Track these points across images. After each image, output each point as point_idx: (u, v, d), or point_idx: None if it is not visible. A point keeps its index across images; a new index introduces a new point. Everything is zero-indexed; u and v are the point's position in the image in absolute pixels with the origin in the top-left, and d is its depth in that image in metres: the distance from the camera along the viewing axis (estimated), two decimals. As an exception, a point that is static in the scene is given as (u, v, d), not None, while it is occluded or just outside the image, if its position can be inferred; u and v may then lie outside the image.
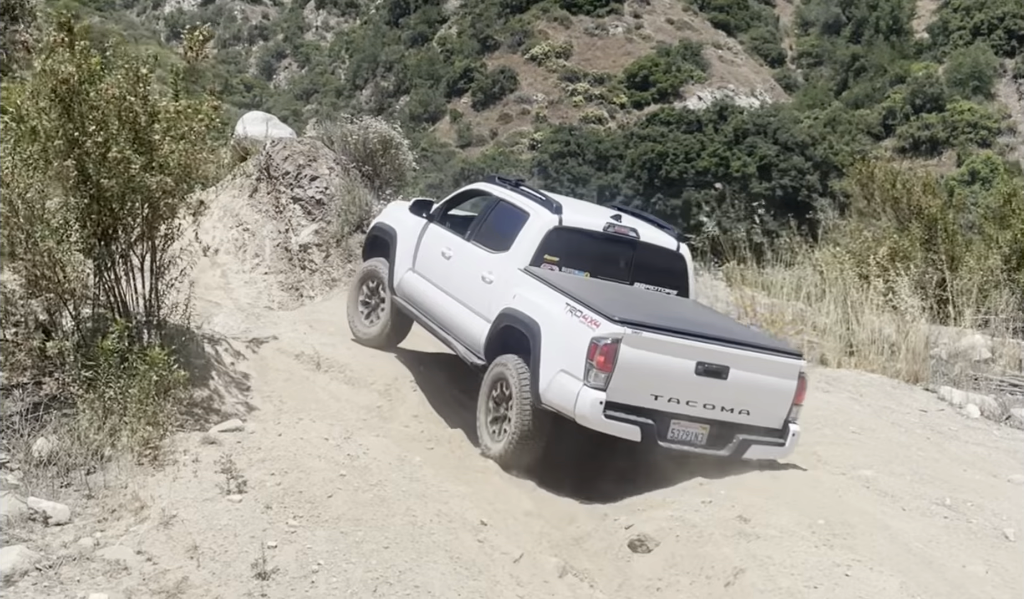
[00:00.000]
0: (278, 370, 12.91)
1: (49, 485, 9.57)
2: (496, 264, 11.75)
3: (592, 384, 10.18)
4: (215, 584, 8.27)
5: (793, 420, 11.00)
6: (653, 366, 10.31)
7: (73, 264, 11.14)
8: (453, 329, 12.20)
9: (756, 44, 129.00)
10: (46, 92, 10.78)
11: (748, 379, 10.66)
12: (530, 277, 11.32)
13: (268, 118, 24.28)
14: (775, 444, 10.99)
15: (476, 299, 11.80)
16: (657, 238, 12.36)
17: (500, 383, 11.19)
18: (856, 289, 17.31)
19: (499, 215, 12.30)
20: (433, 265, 12.70)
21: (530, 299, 11.01)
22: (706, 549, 9.46)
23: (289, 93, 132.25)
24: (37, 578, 8.15)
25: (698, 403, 10.55)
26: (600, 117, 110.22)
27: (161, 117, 11.09)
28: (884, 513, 10.42)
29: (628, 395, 10.29)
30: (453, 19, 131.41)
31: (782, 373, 10.88)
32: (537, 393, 10.65)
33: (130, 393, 10.31)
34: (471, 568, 8.86)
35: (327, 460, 10.04)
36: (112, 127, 10.79)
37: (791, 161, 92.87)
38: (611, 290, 11.49)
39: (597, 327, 10.19)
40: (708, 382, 10.49)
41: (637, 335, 10.17)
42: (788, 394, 10.88)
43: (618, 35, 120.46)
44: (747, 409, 10.73)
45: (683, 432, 10.62)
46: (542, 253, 11.56)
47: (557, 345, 10.51)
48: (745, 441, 10.79)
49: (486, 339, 11.47)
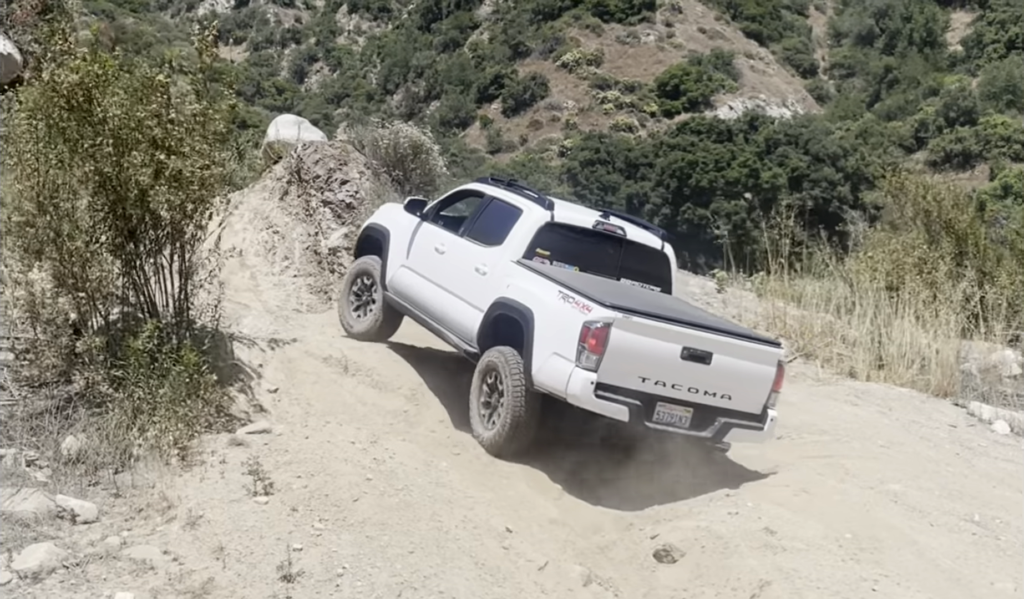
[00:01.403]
0: (306, 373, 12.95)
1: (77, 483, 9.62)
2: (490, 257, 12.21)
3: (584, 366, 10.59)
4: (240, 585, 8.29)
5: (771, 406, 11.46)
6: (641, 350, 10.76)
7: (101, 263, 11.21)
8: (447, 321, 12.63)
9: (788, 54, 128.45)
10: (57, 102, 10.84)
11: (730, 365, 11.11)
12: (523, 268, 11.83)
13: (300, 121, 24.34)
14: (754, 428, 11.41)
15: (470, 290, 12.24)
16: (643, 237, 12.94)
17: (492, 371, 11.58)
18: (886, 302, 17.21)
19: (493, 212, 12.76)
20: (427, 261, 13.13)
21: (524, 287, 11.49)
22: (732, 561, 9.43)
23: (320, 97, 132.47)
24: (64, 575, 8.18)
25: (683, 387, 10.98)
26: (630, 125, 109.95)
27: (177, 123, 11.10)
28: (912, 528, 10.34)
29: (617, 377, 10.70)
30: (485, 25, 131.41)
31: (762, 360, 11.33)
32: (530, 376, 11.08)
33: (160, 393, 10.37)
34: (496, 575, 8.86)
35: (353, 464, 10.07)
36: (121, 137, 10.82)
37: (822, 172, 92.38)
38: (600, 282, 11.94)
39: (589, 311, 10.65)
40: (693, 367, 10.92)
41: (627, 319, 10.62)
42: (767, 381, 11.34)
43: (650, 43, 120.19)
44: (729, 394, 11.18)
45: (668, 414, 11.03)
46: (534, 247, 12.07)
47: (550, 329, 10.97)
48: (726, 424, 11.21)
49: (480, 328, 11.91)
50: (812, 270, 20.16)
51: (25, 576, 8.06)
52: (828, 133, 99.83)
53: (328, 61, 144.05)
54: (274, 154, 22.30)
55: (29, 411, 10.56)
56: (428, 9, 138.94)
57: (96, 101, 10.83)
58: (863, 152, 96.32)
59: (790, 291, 19.28)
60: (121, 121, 10.81)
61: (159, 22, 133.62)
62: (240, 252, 13.39)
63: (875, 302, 17.14)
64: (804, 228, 20.38)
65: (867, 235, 24.02)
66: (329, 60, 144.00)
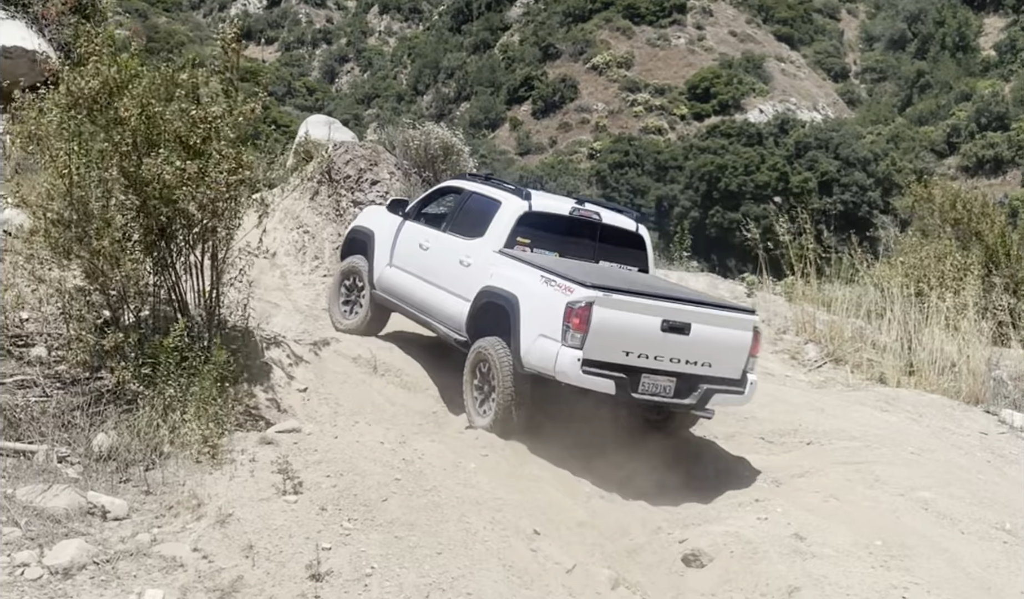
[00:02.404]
0: (335, 372, 12.99)
1: (108, 480, 9.67)
2: (473, 248, 12.63)
3: (570, 344, 10.98)
4: (269, 584, 8.31)
5: (751, 370, 11.86)
6: (623, 325, 11.15)
7: (132, 262, 11.27)
8: (435, 313, 13.04)
9: (819, 58, 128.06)
10: (80, 105, 10.91)
11: (708, 334, 11.53)
12: (505, 257, 12.25)
13: (330, 122, 24.43)
14: (735, 392, 11.80)
15: (455, 282, 12.65)
16: (618, 221, 13.41)
17: (483, 361, 11.95)
18: (917, 308, 17.11)
19: (473, 205, 13.20)
20: (412, 257, 13.54)
21: (507, 275, 11.91)
22: (761, 566, 9.39)
23: (351, 97, 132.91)
24: (94, 572, 8.22)
25: (665, 357, 11.37)
26: (660, 128, 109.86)
27: (201, 122, 11.14)
28: (942, 536, 10.29)
29: (602, 352, 11.06)
30: (515, 27, 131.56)
31: (738, 327, 11.79)
32: (519, 358, 11.45)
33: (190, 391, 10.41)
34: (523, 577, 8.85)
35: (382, 464, 10.08)
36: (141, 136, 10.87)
37: (852, 177, 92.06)
38: (580, 266, 12.34)
39: (571, 292, 11.05)
40: (673, 338, 11.31)
41: (608, 297, 11.02)
42: (745, 347, 11.75)
43: (680, 46, 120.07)
44: (709, 362, 11.56)
45: (652, 385, 11.40)
46: (515, 236, 12.47)
47: (535, 312, 11.35)
48: (708, 391, 11.58)
49: (467, 317, 12.30)
50: (841, 275, 20.06)
51: (56, 572, 8.10)
52: (859, 137, 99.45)
53: (359, 61, 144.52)
54: (303, 154, 22.38)
55: (61, 408, 10.62)
56: (459, 10, 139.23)
57: (115, 102, 10.89)
58: (894, 157, 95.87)
59: (819, 296, 19.19)
60: (139, 121, 10.86)
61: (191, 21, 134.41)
62: (274, 254, 13.45)
63: (905, 308, 17.05)
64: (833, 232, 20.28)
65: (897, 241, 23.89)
66: (360, 61, 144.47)
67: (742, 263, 28.36)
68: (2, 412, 10.31)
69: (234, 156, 11.20)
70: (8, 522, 8.65)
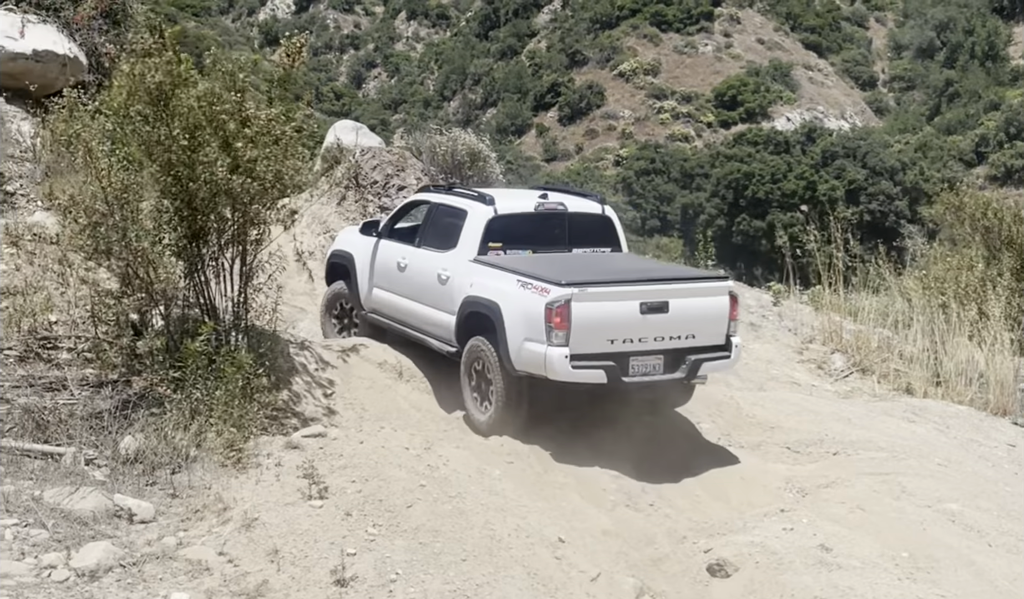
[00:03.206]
0: (361, 378, 13.00)
1: (135, 483, 9.72)
2: (448, 261, 12.80)
3: (555, 343, 11.24)
4: (294, 589, 8.33)
5: (733, 334, 12.16)
6: (603, 315, 11.46)
7: (165, 265, 11.33)
8: (424, 329, 13.19)
9: (847, 66, 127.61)
10: (140, 96, 10.99)
11: (687, 307, 11.83)
12: (481, 265, 12.41)
13: (358, 127, 24.45)
14: (722, 358, 12.12)
15: (438, 298, 12.82)
16: (584, 206, 13.61)
17: (477, 360, 12.16)
18: (943, 319, 17.01)
19: (440, 218, 13.39)
20: (393, 277, 13.70)
21: (486, 284, 12.08)
22: (786, 577, 9.35)
23: (378, 102, 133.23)
24: (121, 574, 8.27)
25: (649, 338, 11.66)
26: (686, 135, 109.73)
27: (252, 123, 11.22)
28: (970, 548, 10.21)
29: (588, 345, 11.35)
30: (542, 33, 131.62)
31: (714, 294, 12.12)
32: (510, 362, 11.65)
33: (216, 395, 10.45)
34: (548, 585, 8.84)
35: (407, 470, 10.10)
36: (199, 133, 10.95)
37: (880, 186, 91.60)
38: (554, 260, 12.59)
39: (548, 293, 11.29)
40: (653, 318, 11.60)
41: (584, 292, 11.29)
42: (724, 312, 12.04)
43: (707, 53, 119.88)
44: (692, 333, 11.86)
45: (642, 366, 11.69)
46: (486, 242, 12.64)
47: (517, 318, 11.56)
48: (696, 361, 11.88)
49: (455, 328, 12.48)
50: (868, 284, 19.96)
51: (83, 574, 8.15)
52: (887, 146, 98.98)
53: (386, 67, 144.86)
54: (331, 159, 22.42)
55: (89, 411, 10.69)
56: (486, 17, 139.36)
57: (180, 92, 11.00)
58: (922, 166, 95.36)
59: (846, 305, 19.10)
60: (197, 117, 10.95)
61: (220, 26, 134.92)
62: (304, 259, 13.53)
63: (932, 318, 16.95)
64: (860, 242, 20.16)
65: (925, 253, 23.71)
66: (387, 66, 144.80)
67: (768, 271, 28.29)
68: (31, 414, 10.39)
69: (281, 157, 11.32)
70: (35, 524, 8.71)
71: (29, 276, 12.79)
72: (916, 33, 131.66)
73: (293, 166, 11.62)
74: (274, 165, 11.27)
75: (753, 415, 13.74)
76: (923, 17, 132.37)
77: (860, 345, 17.40)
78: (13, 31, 17.67)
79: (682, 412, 13.29)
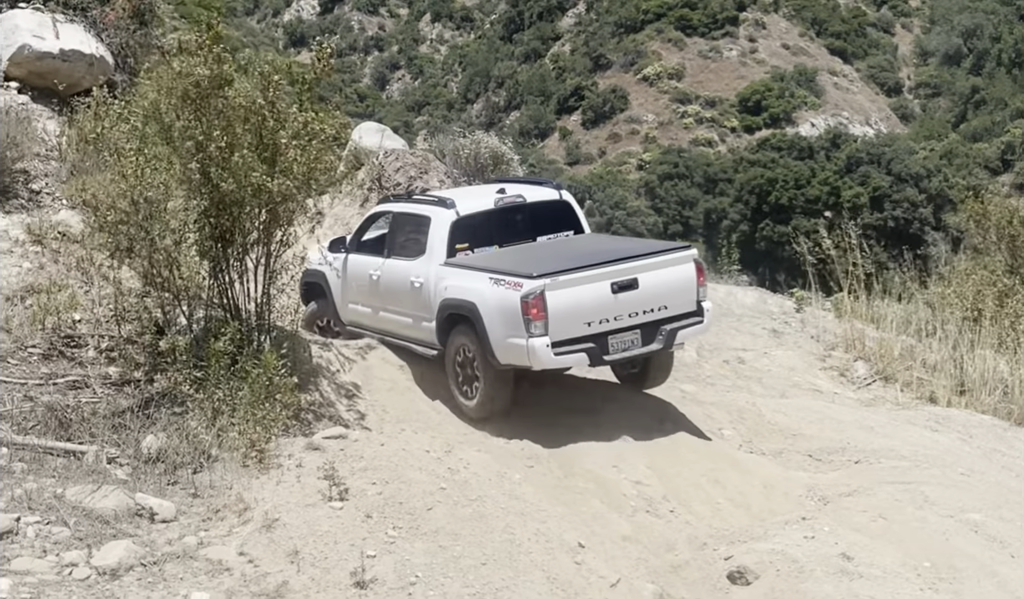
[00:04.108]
0: (382, 379, 13.03)
1: (156, 482, 9.75)
2: (419, 268, 13.06)
3: (536, 334, 11.62)
4: (314, 590, 8.35)
5: (703, 299, 12.63)
6: (577, 300, 11.83)
7: (189, 265, 11.37)
8: (406, 335, 13.45)
9: (873, 72, 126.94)
10: (179, 92, 11.05)
11: (656, 280, 12.25)
12: (452, 268, 12.74)
13: (382, 129, 24.49)
14: (696, 323, 12.60)
15: (415, 305, 13.11)
16: (542, 195, 14.00)
17: (462, 349, 12.52)
18: (968, 329, 16.91)
19: (405, 227, 13.67)
20: (367, 290, 13.95)
21: (460, 286, 12.42)
22: (807, 585, 9.31)
23: (401, 104, 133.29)
24: (142, 573, 8.30)
25: (624, 315, 12.09)
26: (710, 140, 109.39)
27: (288, 125, 11.29)
28: (992, 559, 10.13)
29: (567, 331, 11.78)
30: (567, 37, 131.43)
31: (680, 264, 12.55)
32: (494, 358, 12.04)
33: (239, 395, 10.47)
34: (567, 590, 8.83)
35: (428, 472, 10.11)
36: (237, 132, 11.01)
37: (904, 193, 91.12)
38: (521, 252, 13.06)
39: (521, 287, 11.67)
40: (625, 296, 12.02)
41: (555, 281, 11.70)
42: (691, 281, 12.50)
43: (732, 58, 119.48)
44: (664, 304, 12.33)
45: (620, 343, 12.14)
46: (453, 245, 12.94)
47: (495, 315, 11.92)
48: (672, 330, 12.35)
49: (436, 331, 12.79)
50: (891, 292, 19.84)
51: (104, 572, 8.19)
52: (912, 153, 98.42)
53: (410, 69, 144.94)
54: (354, 161, 22.45)
55: (111, 409, 10.73)
56: (510, 19, 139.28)
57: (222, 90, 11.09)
58: (947, 173, 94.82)
59: (869, 313, 19.00)
60: (244, 111, 11.08)
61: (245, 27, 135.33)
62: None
63: (957, 328, 16.85)
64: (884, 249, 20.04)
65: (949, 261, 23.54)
66: (411, 68, 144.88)
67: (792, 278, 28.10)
68: (54, 412, 10.43)
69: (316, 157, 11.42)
70: (57, 522, 8.75)
71: (53, 274, 12.86)
72: (942, 39, 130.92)
73: (327, 166, 11.73)
74: (310, 165, 11.36)
75: (775, 422, 13.69)
76: (949, 24, 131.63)
77: (883, 353, 17.30)
78: (42, 30, 17.76)
79: (703, 418, 13.27)
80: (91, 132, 11.56)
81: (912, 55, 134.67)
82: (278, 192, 11.15)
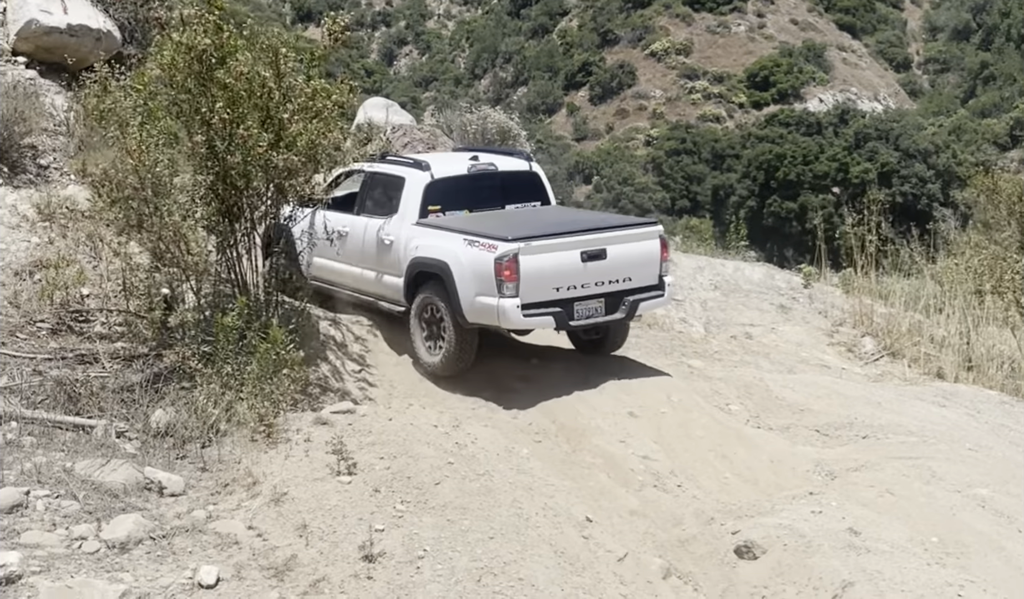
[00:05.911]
0: (388, 354, 13.08)
1: (165, 456, 9.79)
2: (391, 226, 13.28)
3: (507, 295, 11.97)
4: (323, 563, 8.38)
5: (665, 274, 13.13)
6: (549, 266, 12.19)
7: (197, 240, 11.37)
8: (372, 291, 13.69)
9: (882, 48, 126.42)
10: (183, 65, 11.03)
11: (623, 253, 12.68)
12: (424, 228, 12.98)
13: (389, 104, 24.45)
14: (656, 296, 13.11)
15: (384, 260, 13.34)
16: (513, 165, 14.37)
17: (427, 311, 12.77)
18: (976, 305, 16.88)
19: (378, 186, 13.88)
20: (335, 245, 13.88)
21: (432, 244, 12.67)
22: (814, 560, 9.32)
23: (408, 80, 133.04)
24: (151, 547, 8.33)
25: (590, 283, 12.49)
26: (718, 116, 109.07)
27: (295, 96, 11.27)
28: (1000, 534, 10.13)
29: (536, 294, 12.14)
30: (574, 12, 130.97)
31: (646, 239, 13.00)
32: (463, 316, 12.31)
33: (247, 370, 10.48)
34: (575, 564, 8.85)
35: (436, 447, 10.12)
36: (241, 105, 10.99)
37: (913, 168, 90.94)
38: (492, 218, 13.37)
39: (496, 249, 11.98)
40: (593, 265, 12.44)
41: (529, 245, 12.04)
42: (655, 255, 12.99)
43: (740, 34, 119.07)
44: (628, 276, 12.76)
45: (585, 310, 12.55)
46: (426, 206, 13.17)
47: (468, 274, 12.19)
48: (634, 302, 12.82)
49: (403, 288, 13.03)
50: (899, 268, 19.81)
51: (113, 546, 8.21)
52: (920, 129, 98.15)
53: (417, 45, 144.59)
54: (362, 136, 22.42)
55: (120, 384, 10.76)
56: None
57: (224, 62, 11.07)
58: (955, 149, 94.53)
59: (877, 288, 18.98)
60: (247, 83, 11.03)
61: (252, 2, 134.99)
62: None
63: (965, 303, 16.83)
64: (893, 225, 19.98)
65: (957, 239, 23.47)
66: (418, 44, 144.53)
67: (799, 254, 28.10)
68: (63, 387, 10.46)
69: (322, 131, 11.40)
70: (67, 495, 8.77)
71: (62, 249, 12.88)
72: (951, 15, 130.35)
73: (333, 141, 11.73)
74: (315, 139, 11.36)
75: (783, 398, 13.69)
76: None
77: (891, 329, 17.30)
78: (49, 5, 17.73)
79: (711, 393, 13.28)
80: (94, 109, 11.53)
81: (921, 30, 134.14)
82: (284, 166, 11.14)
